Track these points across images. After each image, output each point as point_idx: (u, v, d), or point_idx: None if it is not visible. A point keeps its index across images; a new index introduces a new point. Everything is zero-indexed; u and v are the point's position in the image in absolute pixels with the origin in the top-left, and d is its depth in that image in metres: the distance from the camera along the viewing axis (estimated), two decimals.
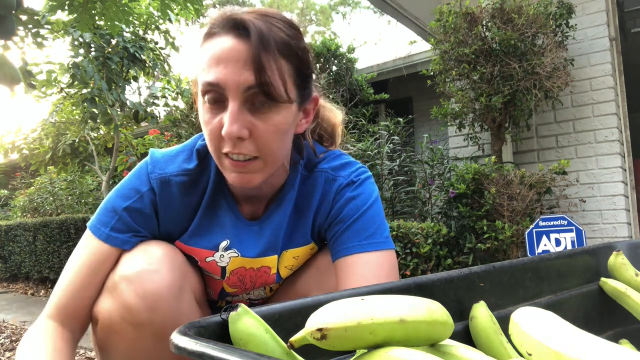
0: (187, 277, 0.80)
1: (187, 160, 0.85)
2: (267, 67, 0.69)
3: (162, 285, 0.74)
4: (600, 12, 3.25)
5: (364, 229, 0.83)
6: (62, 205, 6.40)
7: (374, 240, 0.83)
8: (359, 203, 0.85)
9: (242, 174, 0.74)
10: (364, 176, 0.88)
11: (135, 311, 0.73)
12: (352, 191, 0.86)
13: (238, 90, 0.69)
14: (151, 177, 0.83)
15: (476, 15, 3.02)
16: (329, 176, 0.87)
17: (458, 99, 3.10)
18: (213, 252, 0.86)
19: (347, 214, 0.84)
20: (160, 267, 0.75)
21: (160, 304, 0.73)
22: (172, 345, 0.37)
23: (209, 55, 0.71)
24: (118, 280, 0.75)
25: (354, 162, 0.91)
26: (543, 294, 0.70)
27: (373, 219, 0.85)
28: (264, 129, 0.72)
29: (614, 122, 3.18)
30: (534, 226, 2.50)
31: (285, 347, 0.42)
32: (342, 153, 0.93)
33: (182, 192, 0.84)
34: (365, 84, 5.43)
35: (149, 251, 0.78)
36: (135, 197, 0.82)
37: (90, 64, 4.07)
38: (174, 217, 0.85)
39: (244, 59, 0.69)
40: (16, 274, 5.55)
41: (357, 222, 0.84)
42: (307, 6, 16.85)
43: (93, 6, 1.70)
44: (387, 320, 0.38)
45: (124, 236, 0.81)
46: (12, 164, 7.98)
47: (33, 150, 5.81)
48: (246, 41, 0.69)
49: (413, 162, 3.71)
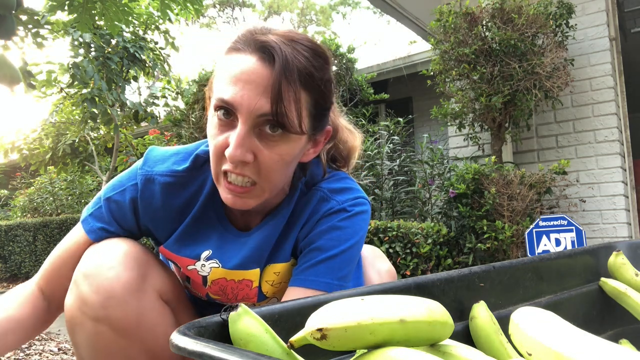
0: (148, 276, 0.79)
1: (179, 162, 0.84)
2: (285, 97, 0.67)
3: (116, 283, 0.73)
4: (600, 12, 3.26)
5: (340, 268, 0.80)
6: (62, 205, 6.40)
7: (344, 283, 0.81)
8: (342, 236, 0.81)
9: (237, 198, 0.73)
10: (358, 209, 0.84)
11: (90, 306, 0.72)
12: (340, 221, 0.82)
13: (250, 116, 0.68)
14: (138, 173, 0.83)
15: (476, 15, 3.02)
16: (323, 196, 0.84)
17: (458, 99, 3.10)
18: (194, 260, 0.85)
19: (326, 245, 0.80)
20: (116, 265, 0.74)
21: (114, 301, 0.72)
22: (172, 345, 0.37)
23: (230, 71, 0.69)
24: (77, 274, 0.75)
25: (357, 189, 0.87)
26: (543, 294, 0.70)
27: (351, 260, 0.82)
28: (268, 156, 0.70)
29: (614, 122, 3.18)
30: (534, 226, 2.50)
31: (285, 347, 0.42)
32: (348, 177, 0.89)
33: (165, 193, 0.83)
34: (365, 84, 5.43)
35: (110, 247, 0.78)
36: (119, 189, 0.83)
37: (90, 64, 4.07)
38: (153, 216, 0.84)
39: (263, 85, 0.67)
40: (16, 274, 5.55)
41: (336, 258, 0.80)
42: (307, 6, 16.85)
43: (93, 6, 1.70)
44: (387, 320, 0.38)
45: (95, 225, 0.83)
46: (12, 164, 7.98)
47: (33, 150, 5.81)
48: (269, 66, 0.68)
49: (413, 162, 3.71)
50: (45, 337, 2.65)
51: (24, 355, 2.28)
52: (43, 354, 2.32)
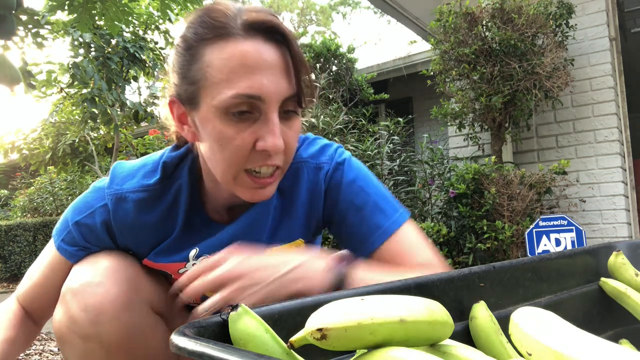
0: (138, 289, 0.77)
1: (149, 175, 0.79)
2: (302, 75, 0.67)
3: (105, 299, 0.71)
4: (600, 12, 3.26)
5: (386, 206, 0.81)
6: (62, 205, 6.40)
7: (398, 211, 0.82)
8: (362, 184, 0.82)
9: (263, 189, 0.70)
10: (345, 155, 0.84)
11: (80, 324, 0.71)
12: (347, 173, 0.82)
13: (278, 101, 0.66)
14: (107, 193, 0.78)
15: (476, 15, 3.02)
16: (311, 165, 0.83)
17: (458, 99, 3.10)
18: (184, 263, 0.82)
19: (360, 200, 0.80)
20: (104, 280, 0.73)
21: (104, 318, 0.71)
22: (172, 345, 0.37)
23: (234, 62, 0.64)
24: (65, 292, 0.74)
25: (327, 142, 0.87)
26: (543, 294, 0.70)
27: (384, 193, 0.83)
28: (292, 136, 0.70)
29: (614, 122, 3.18)
30: (534, 226, 2.50)
31: (285, 347, 0.42)
32: (315, 137, 0.88)
33: (139, 210, 0.78)
34: (365, 84, 5.44)
35: (96, 263, 0.76)
36: (86, 212, 0.78)
37: (90, 64, 4.07)
38: (130, 235, 0.80)
39: (281, 67, 0.65)
40: (16, 274, 5.56)
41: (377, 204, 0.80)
42: (307, 6, 16.85)
43: (93, 6, 1.71)
44: (387, 320, 0.38)
45: (71, 249, 0.79)
46: (12, 164, 7.98)
47: (33, 150, 5.82)
48: (278, 47, 0.66)
49: (413, 162, 3.71)
50: (45, 337, 2.65)
51: (24, 355, 2.28)
52: (43, 354, 2.32)
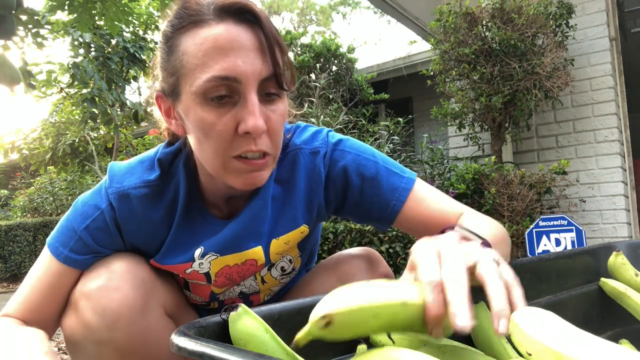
0: (153, 292, 0.77)
1: (148, 170, 0.78)
2: (277, 55, 0.66)
3: (123, 304, 0.70)
4: (600, 12, 3.25)
5: (395, 169, 0.82)
6: (62, 205, 6.40)
7: (406, 171, 0.83)
8: (367, 155, 0.82)
9: (255, 173, 0.68)
10: (337, 136, 0.84)
11: (95, 329, 0.70)
12: (347, 151, 0.82)
13: (256, 82, 0.64)
14: (109, 192, 0.76)
15: (476, 15, 3.02)
16: (306, 151, 0.82)
17: (458, 99, 3.10)
18: (190, 263, 0.81)
19: (370, 170, 0.81)
20: (121, 284, 0.72)
21: (121, 323, 0.70)
22: (172, 345, 0.37)
23: (210, 46, 0.63)
24: (78, 297, 0.72)
25: (320, 128, 0.86)
26: (543, 294, 0.70)
27: (388, 158, 0.85)
28: (275, 120, 0.67)
29: (614, 122, 3.18)
30: (534, 226, 2.50)
31: (285, 347, 0.42)
32: (306, 125, 0.88)
33: (144, 205, 0.77)
34: (365, 84, 5.44)
35: (110, 266, 0.74)
36: (94, 215, 0.76)
37: (90, 64, 4.07)
38: (137, 232, 0.78)
39: (254, 48, 0.64)
40: (16, 274, 5.55)
41: (387, 169, 0.82)
42: (307, 6, 16.85)
43: (93, 6, 1.70)
44: (390, 303, 0.39)
45: (83, 258, 0.76)
46: (12, 164, 7.98)
47: (33, 150, 5.82)
48: (251, 28, 0.65)
49: (413, 162, 3.71)
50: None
51: None
52: None
